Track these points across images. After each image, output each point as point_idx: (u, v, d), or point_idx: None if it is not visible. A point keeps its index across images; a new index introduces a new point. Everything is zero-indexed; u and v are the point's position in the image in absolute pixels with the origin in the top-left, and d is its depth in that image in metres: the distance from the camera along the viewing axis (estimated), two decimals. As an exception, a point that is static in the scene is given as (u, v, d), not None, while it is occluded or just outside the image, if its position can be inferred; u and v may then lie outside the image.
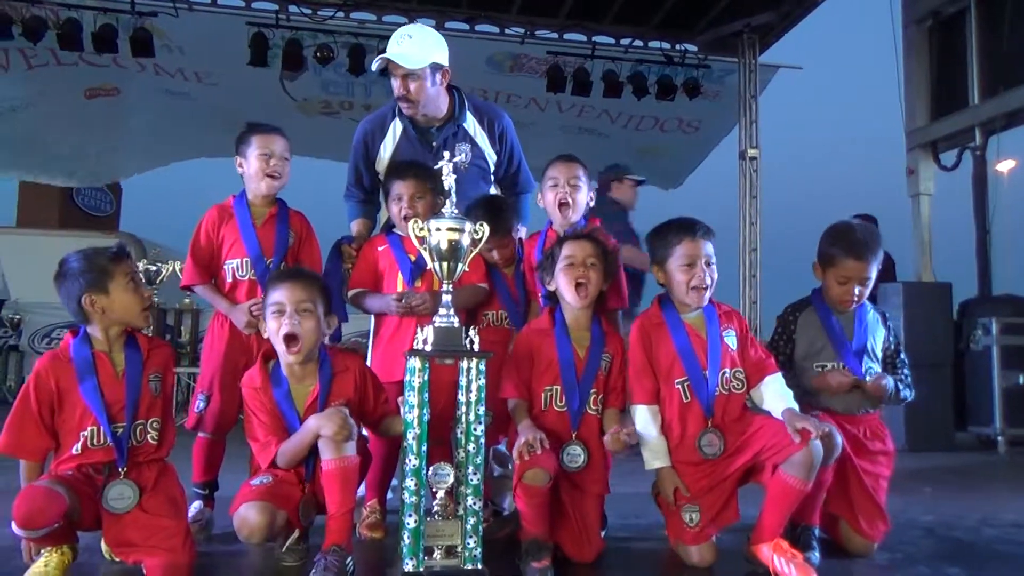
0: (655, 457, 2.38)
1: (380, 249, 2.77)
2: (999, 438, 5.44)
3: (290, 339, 2.20)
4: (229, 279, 2.68)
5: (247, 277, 2.65)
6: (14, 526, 1.90)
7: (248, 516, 2.11)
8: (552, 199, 2.79)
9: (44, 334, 8.50)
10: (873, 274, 2.54)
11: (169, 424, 2.23)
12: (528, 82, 9.54)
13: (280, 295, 2.24)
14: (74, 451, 2.08)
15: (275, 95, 9.02)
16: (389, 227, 2.88)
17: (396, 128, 3.00)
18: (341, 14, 8.89)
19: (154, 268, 7.14)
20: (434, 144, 2.96)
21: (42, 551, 2.00)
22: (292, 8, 8.78)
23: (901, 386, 2.57)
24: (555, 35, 9.46)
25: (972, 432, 5.76)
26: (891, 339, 2.66)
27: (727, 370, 2.40)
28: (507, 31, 9.33)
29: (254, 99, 9.10)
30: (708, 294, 2.43)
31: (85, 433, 2.08)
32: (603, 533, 2.49)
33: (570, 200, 2.75)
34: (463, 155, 2.41)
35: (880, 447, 2.55)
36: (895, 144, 8.12)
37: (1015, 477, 4.65)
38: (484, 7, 9.03)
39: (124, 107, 9.80)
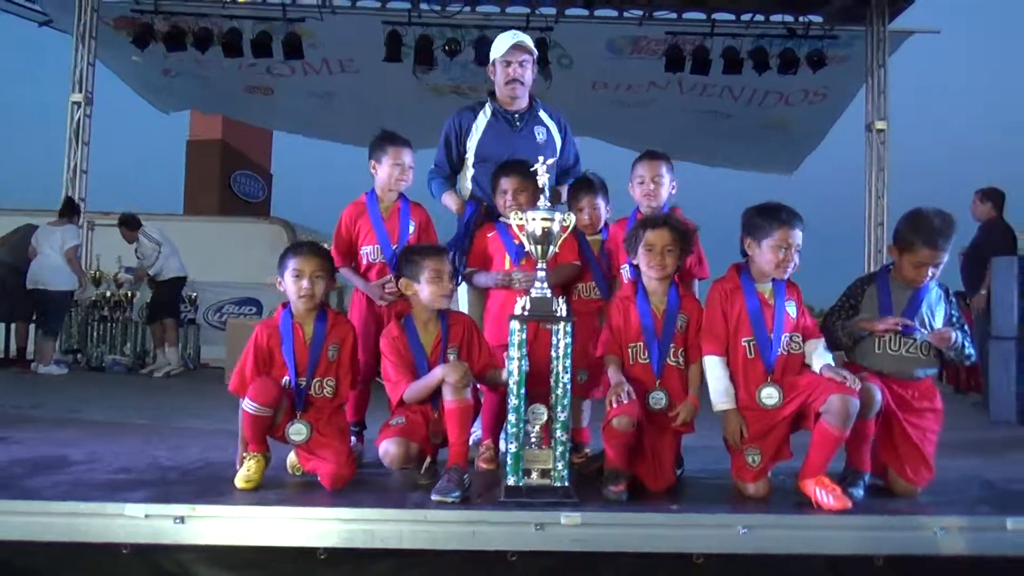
0: (722, 401, 2.80)
1: (489, 235, 3.35)
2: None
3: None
4: (365, 262, 3.32)
5: (378, 260, 3.29)
6: (247, 403, 2.69)
7: (389, 448, 2.77)
8: (639, 194, 3.27)
9: (216, 309, 9.71)
10: (945, 259, 2.82)
11: (343, 382, 2.89)
12: (647, 65, 9.79)
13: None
14: None
15: (409, 82, 9.82)
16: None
17: (487, 113, 3.66)
18: (468, 8, 9.54)
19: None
20: (518, 124, 3.61)
21: (245, 458, 2.72)
22: (423, 5, 9.52)
23: (968, 345, 2.83)
24: (674, 15, 9.65)
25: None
26: (953, 312, 2.91)
27: (788, 334, 2.79)
28: (626, 14, 9.62)
29: (390, 87, 9.96)
30: (789, 274, 2.82)
31: (283, 381, 2.80)
32: (679, 472, 2.97)
33: (654, 195, 3.23)
34: (542, 135, 3.45)
35: (927, 405, 2.85)
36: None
37: None
38: (603, -9, 9.37)
39: (276, 105, 10.96)
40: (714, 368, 2.82)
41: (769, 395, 2.74)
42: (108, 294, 8.31)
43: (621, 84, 10.11)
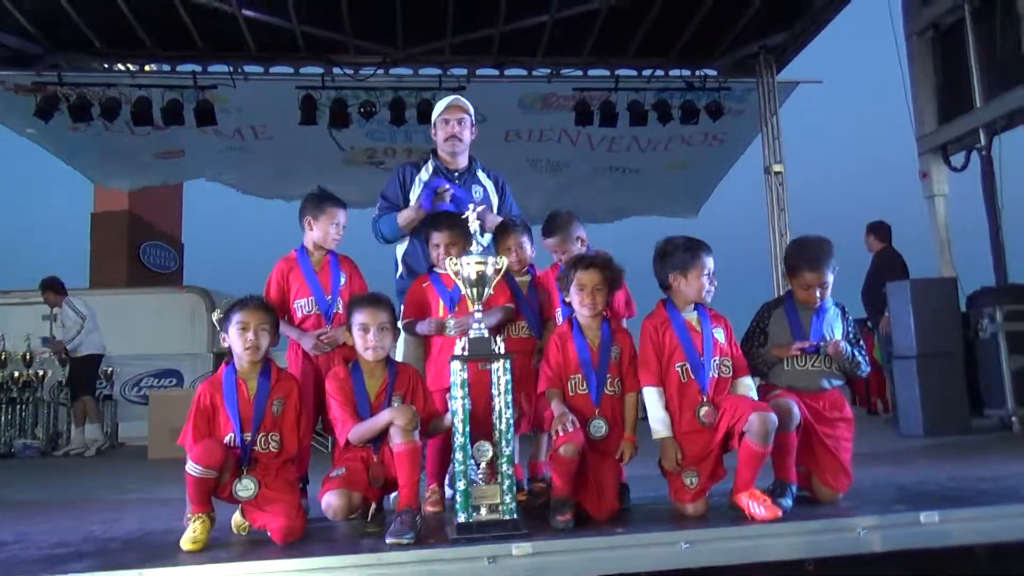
0: (660, 430, 2.96)
1: (424, 285, 3.48)
2: (1013, 418, 5.81)
3: (375, 351, 2.95)
4: (299, 315, 3.38)
5: (313, 312, 3.37)
6: (190, 465, 2.67)
7: (331, 501, 2.78)
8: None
9: (134, 383, 9.42)
10: (830, 279, 3.12)
11: (289, 437, 2.90)
12: (558, 118, 10.21)
13: (365, 316, 2.95)
14: None
15: (325, 146, 9.90)
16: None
17: (428, 169, 3.90)
18: (381, 71, 9.77)
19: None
20: (457, 182, 3.84)
21: (189, 520, 2.68)
22: (336, 70, 9.70)
23: (859, 356, 3.12)
24: (580, 72, 10.13)
25: (991, 416, 6.11)
26: (849, 329, 3.21)
27: (717, 358, 2.99)
28: (534, 72, 10.05)
29: (306, 151, 10.03)
30: (710, 298, 3.04)
31: (227, 437, 2.81)
32: (626, 503, 3.09)
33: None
34: (479, 194, 3.69)
35: (838, 415, 3.11)
36: (911, 148, 8.53)
37: (1014, 449, 5.01)
38: (511, 52, 9.78)
39: (188, 164, 10.82)
40: (652, 399, 2.98)
41: (706, 413, 2.91)
42: (16, 374, 7.93)
43: (534, 132, 10.48)
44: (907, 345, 5.90)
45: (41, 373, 8.06)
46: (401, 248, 3.95)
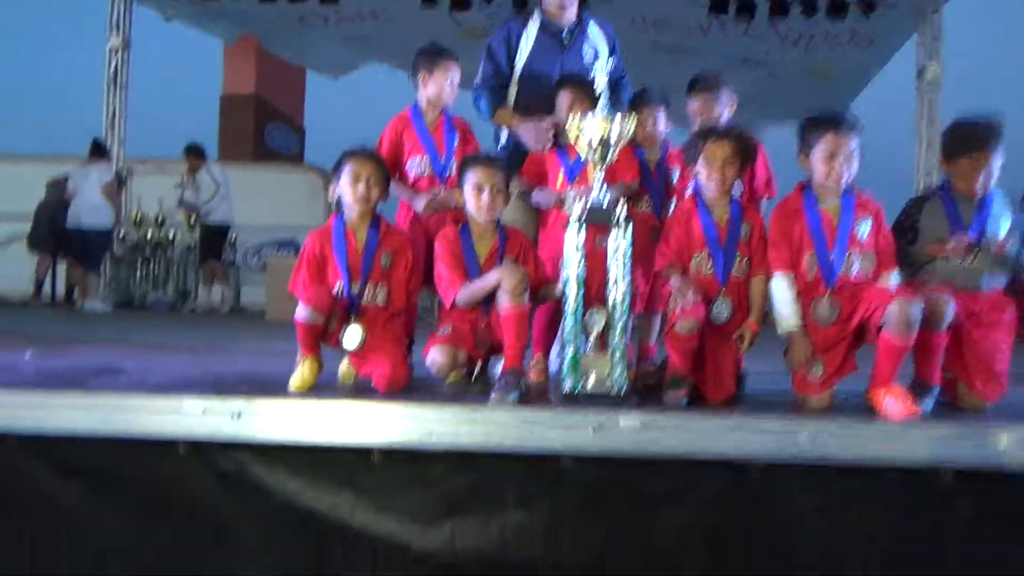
0: (787, 322, 2.72)
1: (547, 153, 3.28)
2: None
3: (489, 211, 2.85)
4: (412, 174, 3.27)
5: (427, 173, 3.25)
6: (300, 308, 2.68)
7: (436, 357, 2.76)
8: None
9: (255, 251, 9.82)
10: (997, 164, 2.71)
11: (398, 291, 2.87)
12: (690, 5, 9.51)
13: (478, 176, 2.84)
14: None
15: (444, 28, 9.62)
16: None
17: (535, 22, 3.54)
18: (506, -51, 9.33)
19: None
20: (564, 41, 3.50)
21: (299, 362, 2.71)
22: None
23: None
24: (717, -46, 9.35)
25: None
26: (1021, 223, 2.81)
27: (853, 253, 2.68)
28: (667, -47, 9.34)
29: (424, 31, 9.80)
30: (843, 185, 2.71)
31: (335, 287, 2.80)
32: (741, 393, 2.90)
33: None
34: (590, 55, 3.32)
35: (998, 317, 2.75)
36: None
37: None
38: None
39: (312, 44, 10.82)
40: (781, 289, 2.74)
41: (823, 308, 2.66)
42: (149, 235, 8.42)
43: (660, 21, 9.82)
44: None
45: (172, 235, 8.52)
46: None
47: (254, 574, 2.43)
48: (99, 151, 7.85)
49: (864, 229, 2.72)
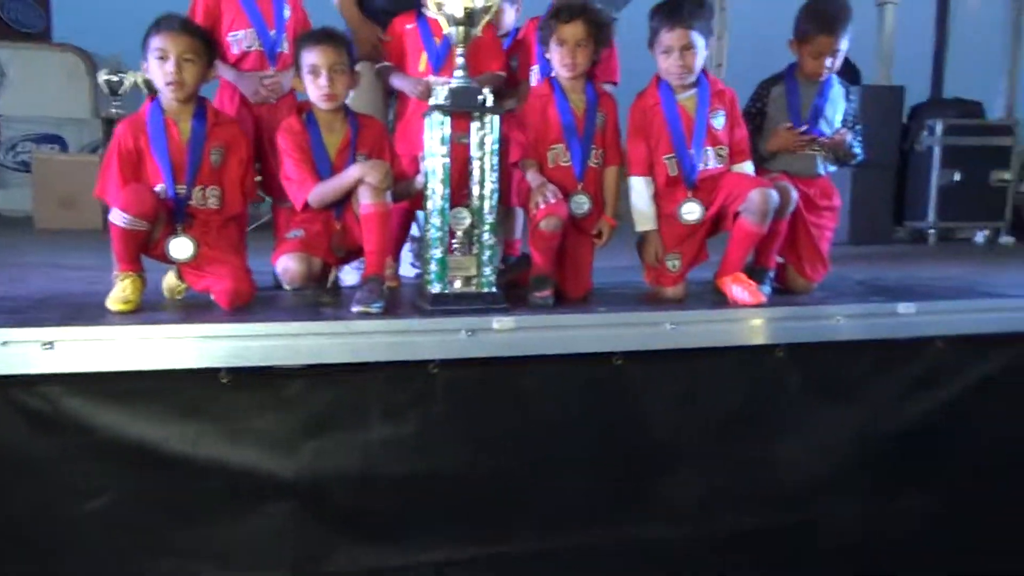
0: (644, 222, 2.74)
1: (408, 28, 2.97)
2: (931, 231, 6.00)
3: (329, 98, 2.51)
4: (235, 51, 2.83)
5: (254, 48, 2.83)
6: (117, 214, 2.24)
7: (289, 265, 2.47)
8: None
9: (10, 147, 8.42)
10: (842, 46, 2.82)
11: (233, 193, 2.51)
12: None
13: (315, 57, 2.48)
14: None
15: None
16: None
17: None
18: None
19: (116, 79, 7.03)
20: None
21: (117, 278, 2.32)
22: None
23: (855, 143, 2.95)
24: None
25: (908, 226, 6.30)
26: (850, 111, 2.99)
27: (709, 148, 2.71)
28: None
29: None
30: (688, 78, 2.68)
31: (156, 188, 2.38)
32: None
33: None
34: None
35: (827, 203, 2.97)
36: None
37: (939, 257, 5.18)
38: None
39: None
40: (638, 188, 2.73)
41: (690, 211, 2.70)
42: None
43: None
44: (845, 153, 5.86)
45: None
46: None
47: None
48: None
49: (719, 121, 2.74)
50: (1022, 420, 2.73)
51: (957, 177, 5.86)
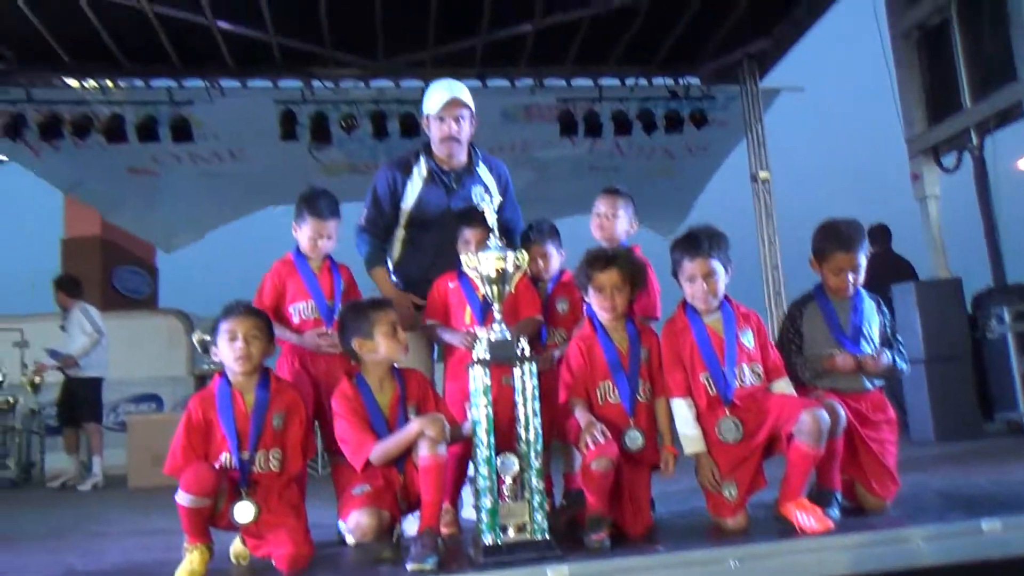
0: (692, 445, 2.75)
1: (451, 286, 3.21)
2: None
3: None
4: (296, 320, 3.13)
5: (312, 317, 3.12)
6: (181, 495, 2.38)
7: (361, 520, 2.50)
8: (595, 228, 3.31)
9: (111, 409, 9.02)
10: (862, 261, 2.92)
11: (294, 453, 2.65)
12: (542, 130, 10.04)
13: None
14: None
15: (303, 162, 9.59)
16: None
17: (421, 172, 3.44)
18: (362, 84, 9.57)
19: (208, 338, 7.67)
20: (452, 184, 3.44)
21: (186, 551, 2.41)
22: (316, 83, 9.49)
23: (898, 359, 2.93)
24: (563, 82, 10.02)
25: (1000, 419, 5.98)
26: (886, 322, 3.02)
27: (744, 366, 2.78)
28: (517, 83, 9.91)
29: (284, 168, 9.76)
30: (713, 302, 2.81)
31: (222, 457, 2.55)
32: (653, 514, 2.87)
33: (607, 228, 3.29)
34: (489, 197, 2.95)
35: (882, 417, 2.90)
36: (898, 152, 8.49)
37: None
38: (494, 63, 9.62)
39: (162, 184, 10.47)
40: (681, 410, 2.77)
41: (728, 429, 2.71)
42: (-15, 403, 7.55)
43: (517, 145, 10.30)
44: (914, 349, 5.74)
45: (12, 400, 7.65)
46: (393, 254, 3.58)
47: None
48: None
49: (749, 339, 2.82)
50: None
51: (1039, 364, 5.64)
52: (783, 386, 2.80)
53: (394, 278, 3.55)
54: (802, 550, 2.40)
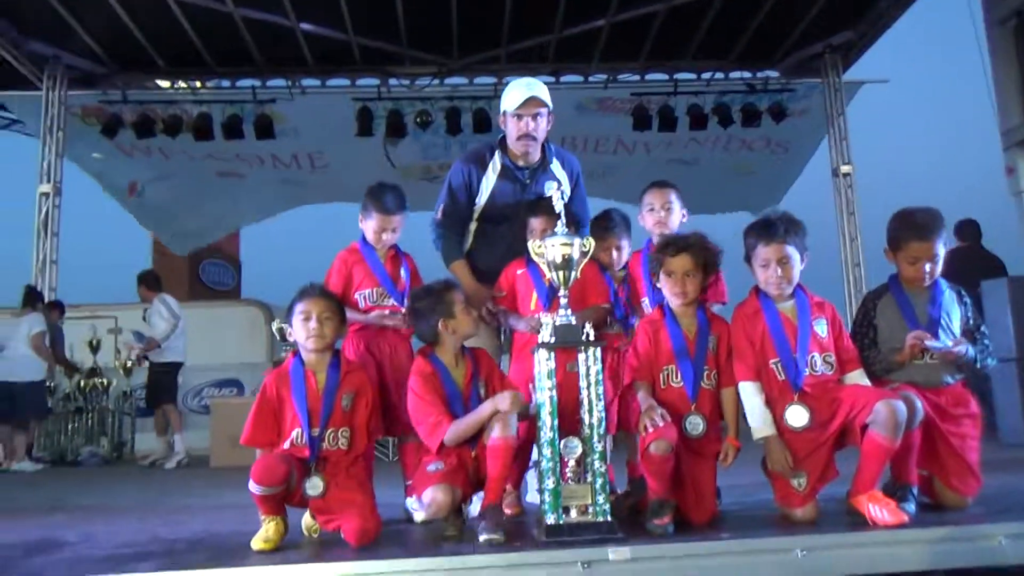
0: (762, 429, 2.69)
1: (519, 273, 3.25)
2: None
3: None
4: (362, 305, 3.21)
5: (377, 303, 3.21)
6: (252, 484, 2.50)
7: (436, 496, 2.53)
8: (650, 222, 3.27)
9: (195, 393, 9.43)
10: (940, 251, 2.80)
11: (360, 433, 2.74)
12: (615, 122, 9.94)
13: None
14: (285, 446, 2.64)
15: (379, 166, 9.75)
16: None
17: (496, 165, 3.48)
18: (437, 81, 9.72)
19: (286, 327, 7.95)
20: (526, 180, 3.46)
21: (263, 521, 2.53)
22: (392, 81, 9.69)
23: (978, 353, 2.79)
24: (637, 76, 9.93)
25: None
26: (968, 314, 2.88)
27: (816, 354, 2.70)
28: (591, 79, 9.88)
29: (360, 172, 9.98)
30: (787, 288, 2.75)
31: (293, 433, 2.65)
32: (719, 503, 2.83)
33: (665, 222, 3.24)
34: (560, 190, 2.90)
35: (964, 411, 2.77)
36: (991, 145, 8.08)
37: None
38: (567, 59, 9.62)
39: (247, 187, 10.88)
40: (749, 395, 2.72)
41: (795, 414, 2.64)
42: (82, 384, 8.00)
43: (590, 140, 10.23)
44: (1005, 347, 5.46)
45: (106, 382, 8.11)
46: (465, 246, 3.59)
47: None
48: (32, 300, 7.45)
49: (822, 327, 2.74)
50: None
51: None
52: (857, 377, 2.72)
53: None
54: (874, 543, 2.32)
